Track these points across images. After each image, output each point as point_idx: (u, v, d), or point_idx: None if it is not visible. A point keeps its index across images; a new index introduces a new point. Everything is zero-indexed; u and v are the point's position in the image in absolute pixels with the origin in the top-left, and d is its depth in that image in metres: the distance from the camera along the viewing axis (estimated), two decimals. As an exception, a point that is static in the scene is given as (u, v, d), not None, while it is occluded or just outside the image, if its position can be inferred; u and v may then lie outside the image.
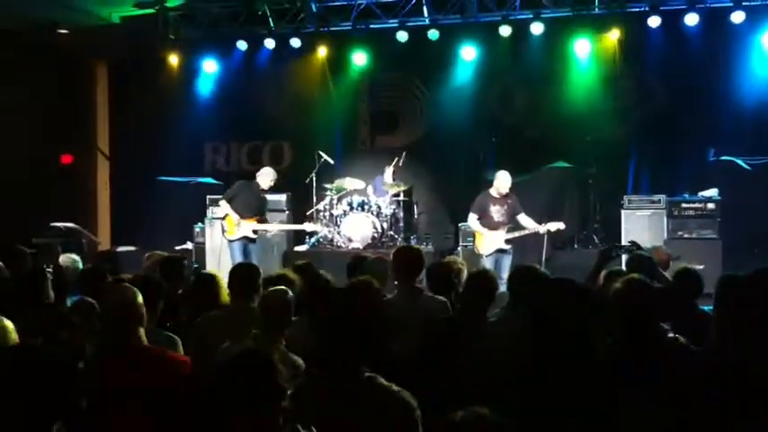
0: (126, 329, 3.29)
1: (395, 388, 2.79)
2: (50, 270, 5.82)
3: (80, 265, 6.72)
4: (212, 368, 3.13)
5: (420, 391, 3.13)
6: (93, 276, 5.74)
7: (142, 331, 3.35)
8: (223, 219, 10.03)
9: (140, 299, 3.39)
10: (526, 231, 9.17)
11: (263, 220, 10.00)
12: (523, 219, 9.22)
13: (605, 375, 2.98)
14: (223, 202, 9.95)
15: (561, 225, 9.27)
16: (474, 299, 4.56)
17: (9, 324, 3.50)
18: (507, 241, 9.04)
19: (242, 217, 9.69)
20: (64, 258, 6.90)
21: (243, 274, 4.79)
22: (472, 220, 9.31)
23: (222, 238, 10.19)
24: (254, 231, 9.72)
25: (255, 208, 9.81)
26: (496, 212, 9.14)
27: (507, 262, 8.92)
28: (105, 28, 12.13)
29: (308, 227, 10.55)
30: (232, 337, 3.93)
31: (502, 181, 9.19)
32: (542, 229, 9.16)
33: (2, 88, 12.14)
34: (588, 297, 2.84)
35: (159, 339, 3.76)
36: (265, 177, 9.99)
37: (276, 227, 10.06)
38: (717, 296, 3.88)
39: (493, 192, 9.25)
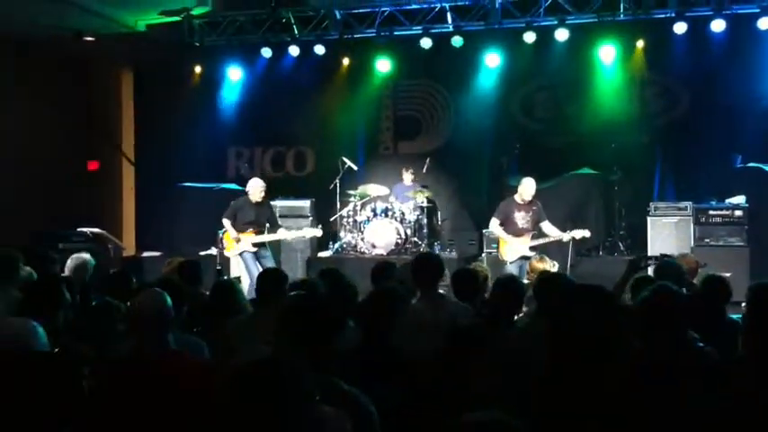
0: (156, 334, 3.30)
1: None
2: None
3: (92, 263, 6.69)
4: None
5: (445, 395, 3.12)
6: (119, 280, 5.79)
7: (171, 336, 3.36)
8: (222, 236, 10.09)
9: (170, 303, 3.40)
10: (551, 239, 9.11)
11: (271, 230, 9.89)
12: (547, 226, 9.16)
13: (628, 380, 2.94)
14: (225, 221, 9.93)
15: (586, 233, 9.21)
16: (501, 305, 4.54)
17: (38, 327, 3.51)
18: (532, 248, 8.99)
19: (241, 232, 9.68)
20: (76, 259, 6.90)
21: (271, 279, 4.81)
22: (494, 226, 9.24)
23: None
24: (254, 244, 9.65)
25: (255, 223, 9.75)
26: (521, 219, 9.09)
27: None
28: (131, 36, 12.21)
29: (307, 233, 10.39)
30: (258, 342, 3.94)
31: (527, 187, 9.13)
32: (566, 236, 9.10)
33: (29, 96, 12.28)
34: (613, 302, 2.80)
35: (187, 343, 3.77)
36: (254, 190, 9.86)
37: (272, 237, 9.93)
38: (749, 305, 3.81)
39: (517, 198, 9.20)
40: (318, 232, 10.55)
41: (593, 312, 2.45)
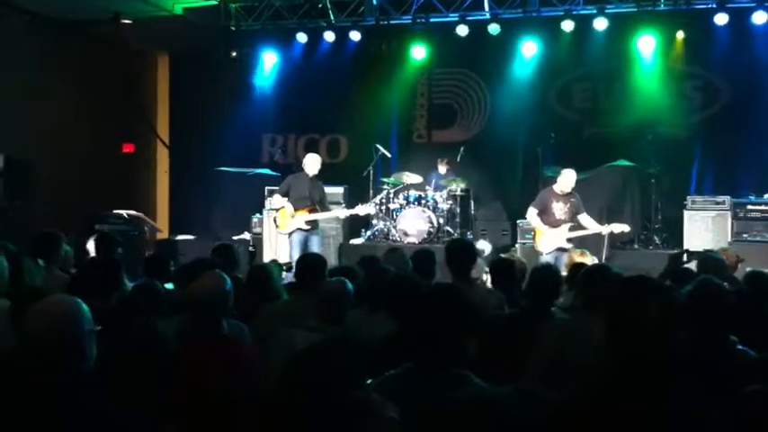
0: (214, 317, 3.30)
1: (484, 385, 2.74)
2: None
3: (70, 252, 6.64)
4: (281, 356, 3.15)
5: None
6: (157, 262, 5.84)
7: (224, 321, 3.37)
8: (277, 212, 9.93)
9: (230, 286, 3.40)
10: (588, 231, 9.02)
11: (321, 209, 9.75)
12: (585, 219, 9.08)
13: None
14: (277, 196, 9.82)
15: (626, 228, 9.11)
16: (540, 294, 4.51)
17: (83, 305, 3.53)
18: (568, 240, 8.91)
19: (295, 209, 9.58)
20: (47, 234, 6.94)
21: (309, 264, 4.81)
22: (531, 215, 9.16)
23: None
24: (307, 222, 9.53)
25: (308, 198, 9.59)
26: (559, 210, 9.00)
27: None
28: (168, 19, 12.25)
29: (360, 210, 10.13)
30: (296, 327, 3.95)
31: (567, 179, 9.05)
32: (605, 230, 9.01)
33: (66, 78, 12.40)
34: (675, 297, 2.74)
35: (230, 327, 3.78)
36: (311, 164, 9.72)
37: (327, 214, 9.90)
38: None
39: (556, 189, 9.11)
40: (372, 209, 10.45)
41: (662, 308, 2.38)
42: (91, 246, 7.05)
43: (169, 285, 5.24)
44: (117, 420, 2.43)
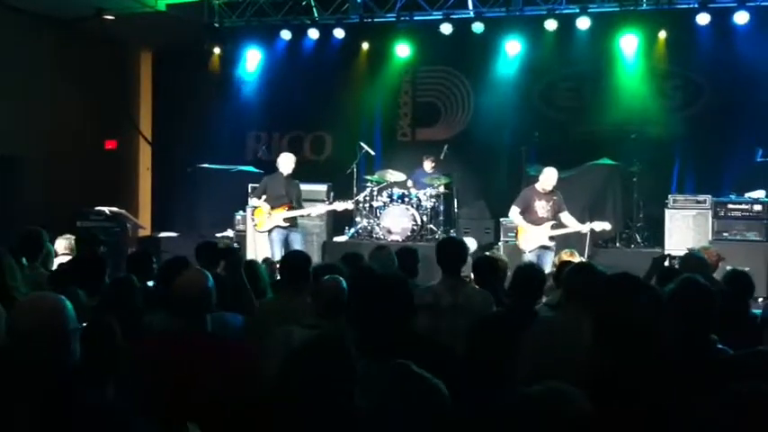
0: (197, 314, 3.30)
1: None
2: None
3: (51, 249, 6.61)
4: (274, 354, 3.15)
5: (470, 384, 3.10)
6: (141, 259, 5.83)
7: (208, 317, 3.36)
8: (254, 212, 9.99)
9: (212, 284, 3.40)
10: (570, 229, 9.08)
11: (297, 207, 9.83)
12: (566, 217, 9.13)
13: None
14: (253, 200, 9.92)
15: (607, 225, 9.18)
16: (524, 293, 4.53)
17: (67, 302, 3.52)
18: (551, 238, 8.96)
19: (272, 208, 9.62)
20: (64, 241, 6.91)
21: (296, 261, 4.81)
22: (514, 214, 9.21)
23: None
24: (285, 219, 9.58)
25: (285, 197, 9.67)
26: (541, 208, 9.05)
27: (549, 258, 8.82)
28: (151, 15, 12.19)
29: (338, 206, 10.26)
30: (285, 324, 3.96)
31: (548, 177, 9.10)
32: (586, 228, 9.08)
33: (48, 74, 12.29)
34: (656, 293, 2.76)
35: (222, 319, 3.78)
36: (285, 164, 9.79)
37: (305, 211, 9.98)
38: None
39: (538, 187, 9.16)
40: (350, 205, 10.49)
41: (649, 306, 2.41)
42: (60, 245, 6.99)
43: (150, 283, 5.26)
44: (116, 418, 2.43)
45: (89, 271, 4.45)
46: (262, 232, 9.83)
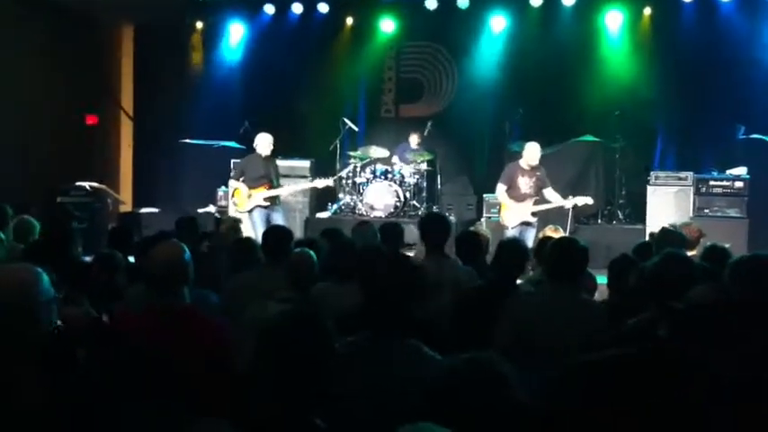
0: (173, 287, 3.26)
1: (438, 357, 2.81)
2: None
3: (37, 226, 6.49)
4: (250, 328, 3.14)
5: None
6: (121, 234, 5.80)
7: (186, 291, 3.33)
8: (233, 194, 9.90)
9: (188, 256, 3.37)
10: (552, 205, 9.08)
11: (275, 186, 9.78)
12: (550, 193, 9.13)
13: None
14: (231, 181, 9.84)
15: (589, 200, 9.21)
16: (507, 268, 4.54)
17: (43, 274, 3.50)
18: (533, 214, 8.97)
19: (250, 188, 9.57)
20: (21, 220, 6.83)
21: (277, 237, 4.80)
22: (500, 192, 9.16)
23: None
24: (266, 199, 9.53)
25: (264, 177, 9.61)
26: (524, 184, 9.03)
27: (531, 234, 8.83)
28: (132, -11, 12.07)
29: (318, 183, 10.23)
30: (264, 298, 3.95)
31: (531, 152, 9.07)
32: (569, 203, 9.09)
33: (29, 51, 12.11)
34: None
35: (199, 296, 3.75)
36: (263, 144, 9.72)
37: (285, 190, 9.94)
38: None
39: (522, 163, 9.13)
40: (330, 182, 10.44)
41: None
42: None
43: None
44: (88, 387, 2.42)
45: (54, 248, 4.41)
46: (242, 213, 9.77)
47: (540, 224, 9.17)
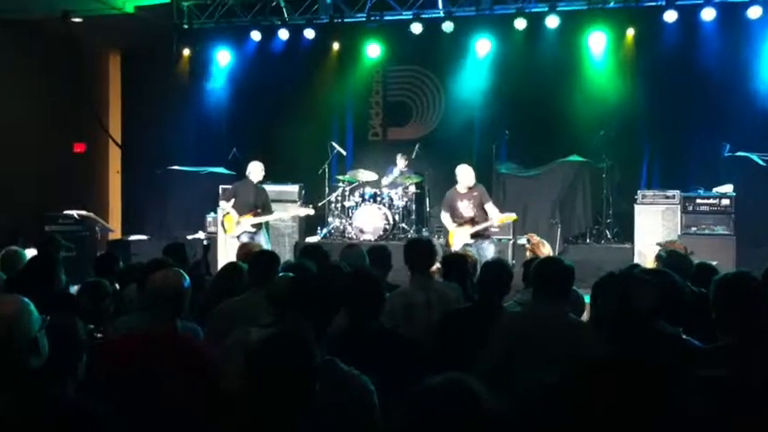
0: (171, 314, 3.26)
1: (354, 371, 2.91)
2: None
3: (24, 256, 6.47)
4: (235, 354, 3.13)
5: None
6: (108, 261, 5.78)
7: (178, 321, 3.34)
8: (223, 218, 10.11)
9: (188, 284, 3.37)
10: (487, 224, 9.06)
11: (264, 212, 9.99)
12: (490, 208, 9.14)
13: None
14: (222, 203, 10.12)
15: (512, 216, 9.32)
16: (492, 288, 4.55)
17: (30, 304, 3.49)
18: (473, 236, 8.97)
19: (240, 214, 9.80)
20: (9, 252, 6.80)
21: (263, 261, 4.80)
22: (444, 218, 9.29)
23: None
24: (253, 225, 9.77)
25: (252, 204, 9.89)
26: (464, 208, 9.10)
27: (490, 249, 8.95)
28: (119, 17, 12.09)
29: (300, 212, 10.73)
30: (250, 323, 3.93)
31: (463, 175, 9.16)
32: (495, 220, 9.07)
33: (16, 77, 12.15)
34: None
35: (185, 329, 3.75)
36: (255, 172, 10.04)
37: (271, 217, 10.11)
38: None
39: (459, 188, 9.20)
40: (311, 211, 10.72)
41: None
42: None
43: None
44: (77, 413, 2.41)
45: (39, 277, 4.39)
46: (232, 237, 9.92)
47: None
